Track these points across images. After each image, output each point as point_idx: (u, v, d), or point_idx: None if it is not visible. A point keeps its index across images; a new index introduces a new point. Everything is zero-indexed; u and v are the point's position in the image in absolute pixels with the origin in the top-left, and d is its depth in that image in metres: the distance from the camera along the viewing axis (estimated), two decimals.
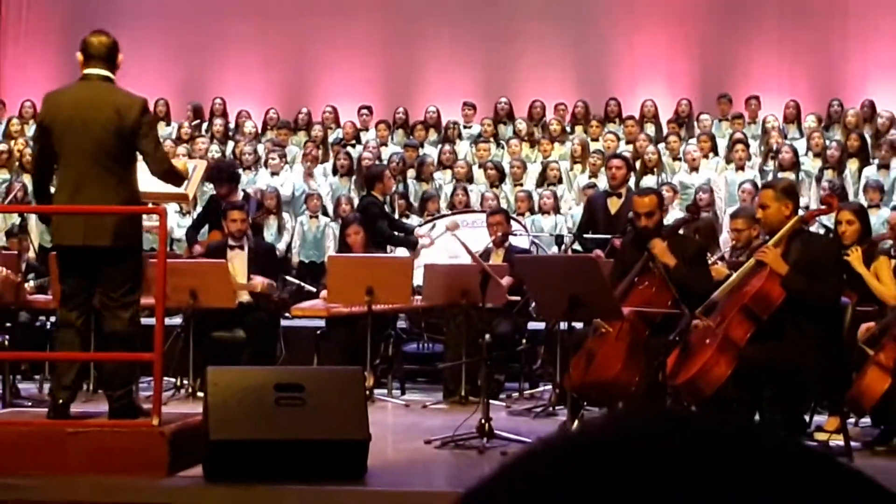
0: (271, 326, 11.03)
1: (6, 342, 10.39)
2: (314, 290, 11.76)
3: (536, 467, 0.64)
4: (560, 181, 15.20)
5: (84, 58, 7.25)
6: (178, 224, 13.52)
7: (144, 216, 8.08)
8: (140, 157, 7.27)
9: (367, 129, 17.27)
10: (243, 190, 13.09)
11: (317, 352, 11.11)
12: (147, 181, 8.10)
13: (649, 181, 14.10)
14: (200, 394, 8.57)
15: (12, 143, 15.35)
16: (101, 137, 7.06)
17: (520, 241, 12.45)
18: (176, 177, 7.49)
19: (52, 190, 7.42)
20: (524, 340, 11.18)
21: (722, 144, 15.82)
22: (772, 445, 0.63)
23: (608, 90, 17.73)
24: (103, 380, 7.60)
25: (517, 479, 0.64)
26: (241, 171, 14.07)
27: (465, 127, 17.20)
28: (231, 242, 11.19)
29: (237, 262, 11.03)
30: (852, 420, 8.78)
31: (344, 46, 18.64)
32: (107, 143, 7.07)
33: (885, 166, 14.78)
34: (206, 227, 12.62)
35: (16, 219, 11.01)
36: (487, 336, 9.63)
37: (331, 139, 16.83)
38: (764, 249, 8.14)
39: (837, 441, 8.12)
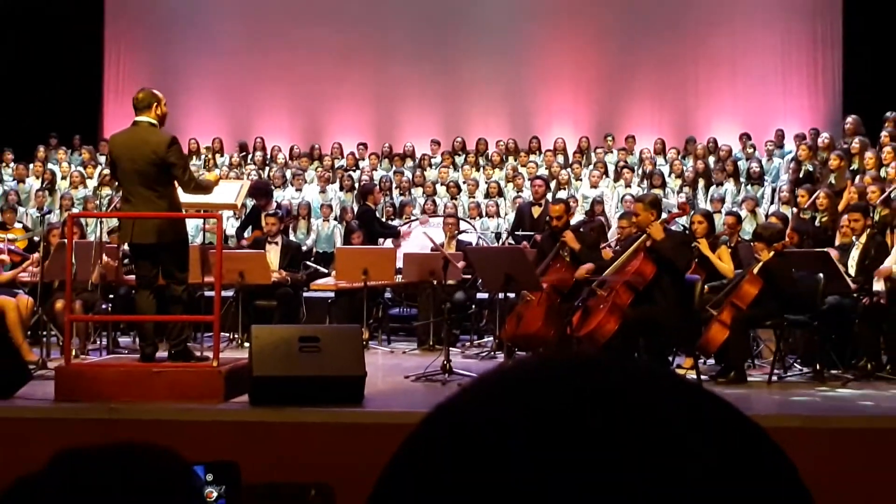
0: (296, 297, 11.00)
1: (109, 308, 10.36)
2: (326, 271, 11.73)
3: (485, 386, 0.64)
4: (499, 195, 15.22)
5: (134, 109, 7.25)
6: (231, 225, 13.46)
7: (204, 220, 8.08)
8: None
9: (363, 159, 17.20)
10: (276, 202, 13.05)
11: (328, 314, 11.11)
12: (207, 196, 8.08)
13: (561, 195, 14.10)
14: (247, 344, 8.55)
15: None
16: (142, 167, 7.08)
17: (469, 237, 12.48)
18: (202, 190, 7.51)
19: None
20: (473, 306, 11.19)
21: (610, 169, 15.88)
22: (646, 371, 0.64)
23: (532, 130, 17.70)
24: (165, 333, 7.60)
25: (472, 394, 0.64)
26: (274, 188, 14.05)
27: (431, 157, 17.17)
28: (269, 239, 11.18)
29: (272, 253, 11.01)
30: (702, 360, 8.82)
31: (346, 101, 18.56)
32: (146, 171, 7.08)
33: (721, 184, 14.85)
34: (251, 227, 12.60)
35: (115, 221, 10.92)
36: (448, 303, 9.65)
37: (337, 166, 16.77)
38: (652, 226, 8.19)
39: (691, 375, 8.16)
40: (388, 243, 12.38)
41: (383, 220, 13.57)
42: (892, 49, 15.44)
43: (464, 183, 15.72)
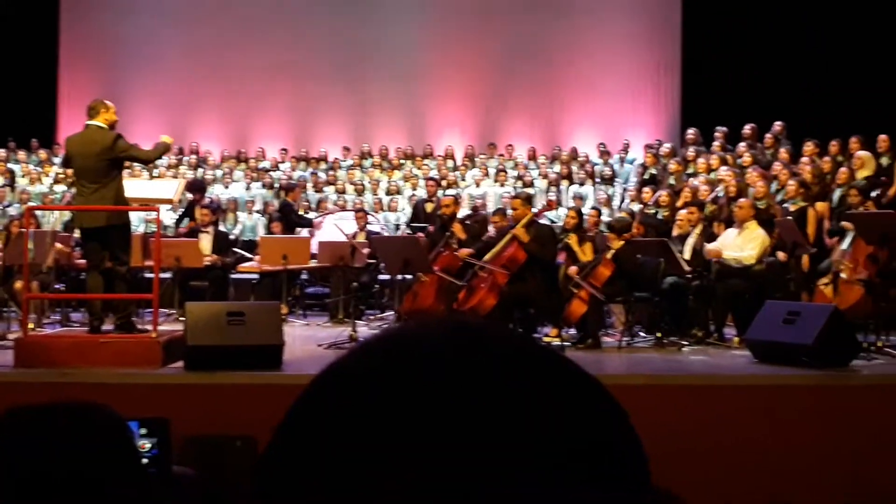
0: (225, 278, 10.84)
1: (62, 288, 10.11)
2: (251, 256, 11.58)
3: (366, 347, 0.64)
4: (398, 193, 15.20)
5: (87, 115, 7.27)
6: (170, 217, 13.20)
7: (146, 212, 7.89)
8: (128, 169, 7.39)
9: (283, 161, 17.05)
10: (208, 197, 12.85)
11: (253, 293, 10.97)
12: (149, 192, 7.96)
13: (451, 192, 14.11)
14: (182, 318, 8.40)
15: (67, 168, 14.88)
16: (93, 163, 7.08)
17: (374, 227, 12.45)
18: (164, 152, 7.73)
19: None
20: (377, 285, 11.17)
21: (491, 172, 15.96)
22: (516, 336, 0.64)
23: (426, 139, 17.72)
24: (111, 308, 7.49)
25: (356, 355, 0.64)
26: (206, 185, 13.84)
27: (343, 161, 17.07)
28: (202, 229, 11.01)
29: (205, 241, 10.81)
30: (565, 330, 8.91)
31: (269, 113, 18.34)
32: (96, 166, 7.07)
33: (582, 184, 15.04)
34: (187, 219, 12.38)
35: (68, 215, 10.66)
36: (355, 283, 9.63)
37: (260, 167, 16.57)
38: (515, 230, 8.29)
39: (556, 342, 8.26)
40: (304, 232, 12.30)
41: (300, 213, 13.48)
42: (722, 73, 15.79)
43: (369, 183, 15.69)
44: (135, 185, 7.86)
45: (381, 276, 11.09)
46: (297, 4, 18.39)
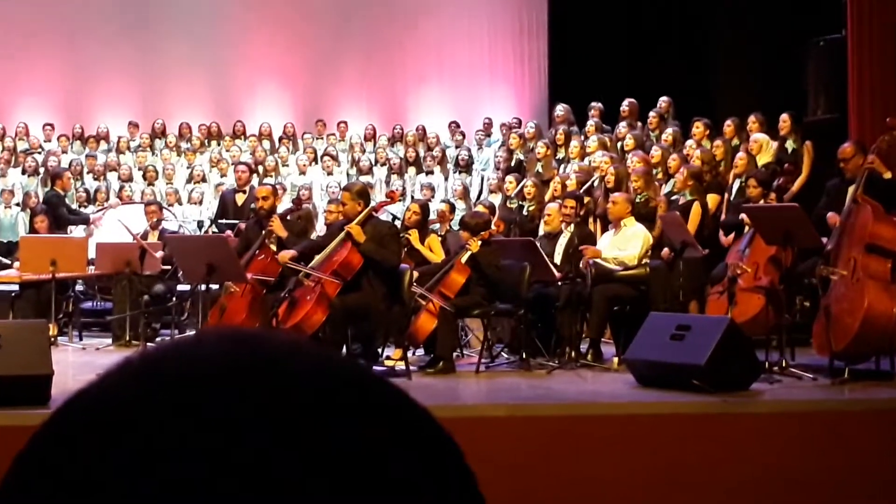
0: None
1: None
2: (9, 262, 11.24)
3: (133, 367, 0.63)
4: (202, 181, 15.00)
5: None
6: None
7: None
8: None
9: (49, 141, 16.57)
10: None
11: (12, 309, 10.63)
12: None
13: (268, 182, 14.03)
14: None
15: None
16: None
17: (171, 225, 12.26)
18: None
19: None
20: (174, 298, 10.98)
21: (319, 156, 15.93)
22: (326, 357, 0.63)
23: (235, 114, 17.52)
24: None
25: (109, 380, 0.64)
26: None
27: (130, 140, 16.70)
28: None
29: None
30: (412, 351, 8.95)
31: (32, 76, 17.75)
32: None
33: (431, 172, 15.16)
34: None
35: None
36: (146, 296, 9.46)
37: (20, 149, 16.05)
38: (350, 227, 8.30)
39: (401, 366, 8.30)
40: (79, 231, 12.00)
41: (73, 206, 13.14)
42: (596, 39, 16.09)
43: (163, 168, 15.42)
44: None
45: (180, 287, 10.91)
46: None
